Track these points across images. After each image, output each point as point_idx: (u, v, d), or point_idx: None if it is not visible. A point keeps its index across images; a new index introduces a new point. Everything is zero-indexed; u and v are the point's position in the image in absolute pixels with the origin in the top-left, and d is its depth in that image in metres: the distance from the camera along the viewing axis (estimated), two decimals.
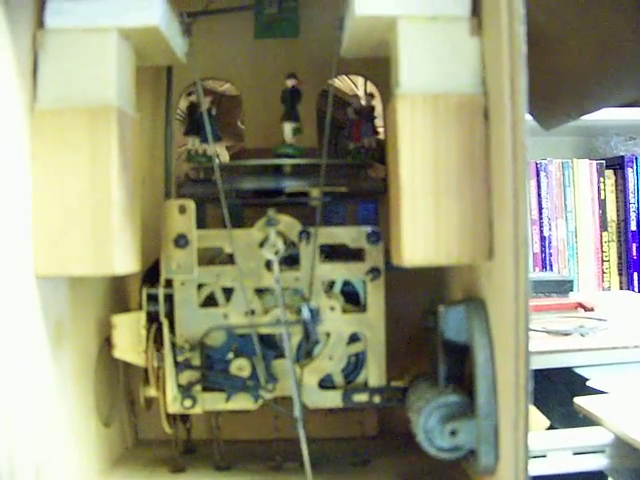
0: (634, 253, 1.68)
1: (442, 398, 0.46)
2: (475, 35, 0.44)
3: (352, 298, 0.53)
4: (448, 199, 0.43)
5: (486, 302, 0.44)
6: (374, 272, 0.52)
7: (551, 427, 0.65)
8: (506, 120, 0.39)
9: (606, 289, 1.68)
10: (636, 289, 1.67)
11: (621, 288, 1.69)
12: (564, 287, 1.33)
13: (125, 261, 0.45)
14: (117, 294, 0.58)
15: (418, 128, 0.43)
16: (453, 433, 0.44)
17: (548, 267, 1.66)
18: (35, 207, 0.43)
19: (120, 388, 0.58)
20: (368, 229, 0.52)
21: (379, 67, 0.52)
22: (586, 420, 0.63)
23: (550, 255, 1.67)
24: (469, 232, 0.43)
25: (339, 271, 0.52)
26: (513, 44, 0.38)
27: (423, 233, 0.43)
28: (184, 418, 0.57)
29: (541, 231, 1.66)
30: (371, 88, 0.63)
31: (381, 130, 0.61)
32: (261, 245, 0.52)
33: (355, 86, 0.78)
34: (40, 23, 0.44)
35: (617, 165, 1.69)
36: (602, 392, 0.71)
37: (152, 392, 0.53)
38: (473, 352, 0.44)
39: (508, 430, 0.41)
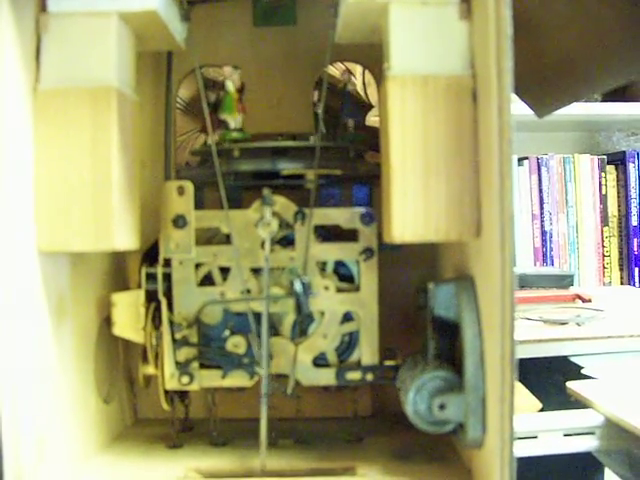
0: (635, 248, 1.68)
1: (431, 373, 0.47)
2: (464, 19, 0.45)
3: (348, 281, 0.55)
4: (437, 177, 0.44)
5: (475, 279, 0.45)
6: (367, 252, 0.53)
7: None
8: (493, 100, 0.40)
9: (607, 284, 1.68)
10: (637, 284, 1.67)
11: (622, 283, 1.69)
12: (564, 282, 1.33)
13: (124, 237, 0.46)
14: (117, 274, 0.59)
15: (408, 108, 0.44)
16: (442, 407, 0.46)
17: (549, 262, 1.67)
18: (37, 185, 0.44)
19: (120, 367, 0.60)
20: (362, 210, 0.53)
21: (375, 55, 0.53)
22: (579, 406, 0.64)
23: (551, 250, 1.67)
24: (457, 209, 0.44)
25: (333, 251, 0.54)
26: (500, 26, 0.39)
27: (413, 210, 0.44)
28: (182, 397, 0.58)
29: (542, 226, 1.67)
30: (368, 76, 0.64)
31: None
32: (257, 225, 0.53)
33: (352, 75, 0.79)
34: (43, 7, 0.45)
35: (618, 160, 1.70)
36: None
37: (150, 370, 0.54)
38: (462, 328, 0.45)
39: (495, 403, 0.42)
